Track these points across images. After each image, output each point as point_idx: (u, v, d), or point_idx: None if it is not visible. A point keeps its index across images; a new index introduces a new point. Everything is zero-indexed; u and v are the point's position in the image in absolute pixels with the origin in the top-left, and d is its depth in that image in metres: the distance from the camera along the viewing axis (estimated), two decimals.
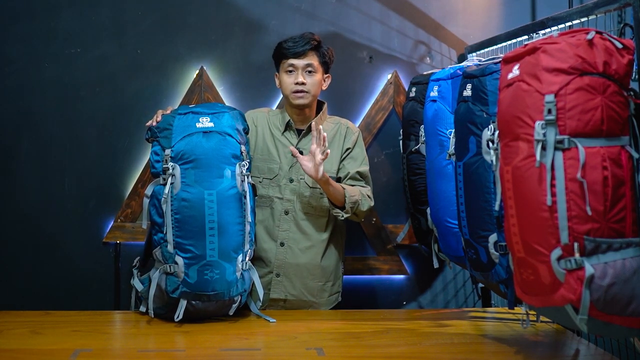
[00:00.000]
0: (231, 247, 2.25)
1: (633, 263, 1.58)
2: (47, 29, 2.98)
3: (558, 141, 1.59)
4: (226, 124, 2.31)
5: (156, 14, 3.03)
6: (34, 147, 2.99)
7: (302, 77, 2.52)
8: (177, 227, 2.21)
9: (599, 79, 1.60)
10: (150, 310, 2.29)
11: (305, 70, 2.52)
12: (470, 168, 2.09)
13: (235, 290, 2.28)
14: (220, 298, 2.25)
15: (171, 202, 2.21)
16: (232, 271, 2.25)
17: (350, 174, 2.57)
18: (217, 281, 2.22)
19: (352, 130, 2.64)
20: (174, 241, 2.22)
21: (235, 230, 2.27)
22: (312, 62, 2.53)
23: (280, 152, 2.59)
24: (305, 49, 2.51)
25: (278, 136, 2.61)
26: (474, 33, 3.12)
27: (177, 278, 2.21)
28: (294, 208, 2.57)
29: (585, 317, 1.57)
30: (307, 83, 2.52)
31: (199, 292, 2.21)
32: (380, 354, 2.02)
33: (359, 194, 2.50)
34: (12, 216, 2.98)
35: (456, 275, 3.18)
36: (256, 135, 2.62)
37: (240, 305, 2.33)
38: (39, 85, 2.99)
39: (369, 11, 3.10)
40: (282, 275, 2.56)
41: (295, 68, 2.52)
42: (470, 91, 2.09)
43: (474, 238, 2.11)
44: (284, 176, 2.57)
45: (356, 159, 2.60)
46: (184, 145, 2.24)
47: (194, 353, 2.02)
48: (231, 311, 2.29)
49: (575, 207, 1.58)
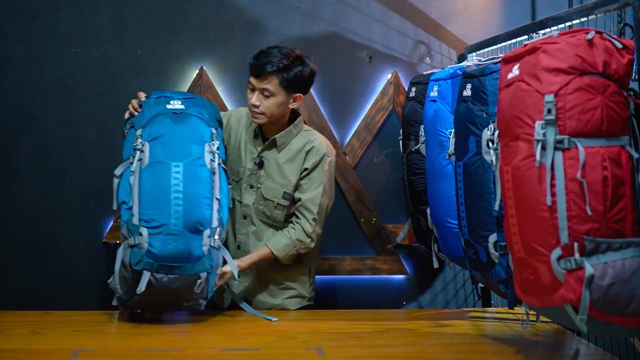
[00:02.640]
0: (197, 219, 2.19)
1: (633, 263, 1.58)
2: (47, 29, 2.98)
3: (558, 141, 1.59)
4: (196, 107, 2.33)
5: (156, 14, 3.03)
6: (34, 147, 2.99)
7: (256, 98, 2.41)
8: (143, 199, 2.18)
9: (598, 78, 1.60)
10: (116, 290, 2.21)
11: (261, 92, 2.41)
12: (470, 168, 2.09)
13: (201, 266, 2.19)
14: (184, 272, 2.16)
15: (139, 176, 2.20)
16: (198, 245, 2.18)
17: (298, 203, 2.50)
18: (181, 252, 2.15)
19: (316, 151, 2.49)
20: (140, 213, 2.18)
21: (202, 204, 2.21)
22: (268, 87, 2.39)
23: (247, 157, 2.55)
24: (264, 71, 2.39)
25: (249, 140, 2.57)
26: (474, 33, 3.12)
27: (141, 250, 2.14)
28: (251, 214, 2.54)
29: (585, 317, 1.57)
30: (261, 106, 2.42)
31: (162, 263, 2.13)
32: (380, 354, 2.02)
33: (290, 248, 2.48)
34: (12, 216, 2.97)
35: (456, 275, 3.18)
36: (236, 134, 2.59)
37: (207, 284, 2.22)
38: (39, 85, 2.99)
39: (369, 11, 3.10)
40: (242, 276, 2.56)
41: (253, 87, 2.43)
42: (470, 91, 2.09)
43: (474, 238, 2.11)
44: (246, 181, 2.55)
45: (312, 182, 2.50)
46: (154, 124, 2.26)
47: (194, 353, 2.02)
48: (197, 288, 2.18)
49: (575, 207, 1.58)
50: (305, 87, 2.50)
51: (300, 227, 2.49)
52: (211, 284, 2.25)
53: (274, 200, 2.51)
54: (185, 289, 2.19)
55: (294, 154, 2.51)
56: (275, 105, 2.43)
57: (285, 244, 2.47)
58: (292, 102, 2.47)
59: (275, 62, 2.39)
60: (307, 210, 2.50)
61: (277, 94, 2.42)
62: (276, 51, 2.42)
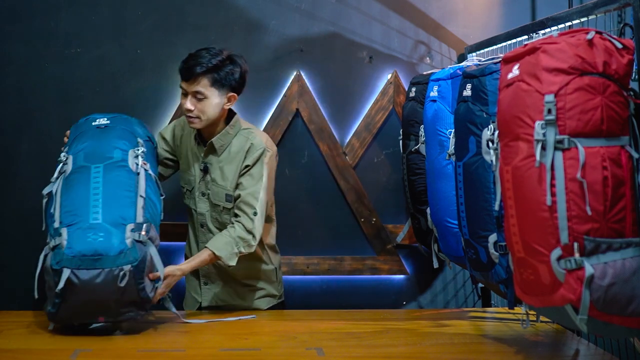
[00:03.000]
0: (118, 213, 2.14)
1: (633, 263, 1.58)
2: (47, 29, 2.98)
3: (558, 141, 1.59)
4: (123, 123, 2.34)
5: (156, 14, 3.03)
6: (34, 147, 2.99)
7: (189, 102, 2.37)
8: (65, 204, 2.15)
9: (598, 79, 1.60)
10: (45, 306, 2.12)
11: (194, 96, 2.37)
12: (470, 168, 2.09)
13: (125, 259, 2.06)
14: (105, 265, 2.03)
15: (62, 184, 2.20)
16: (119, 238, 2.08)
17: (238, 199, 2.42)
18: (101, 244, 2.05)
19: (255, 147, 2.44)
20: (60, 216, 2.13)
21: (123, 199, 2.17)
22: (200, 89, 2.36)
23: (194, 165, 2.53)
24: (194, 74, 2.35)
25: (194, 147, 2.54)
26: (474, 33, 3.12)
27: (61, 249, 2.06)
28: (207, 221, 2.51)
29: (585, 317, 1.57)
30: (196, 109, 2.37)
31: (82, 257, 2.03)
32: (380, 354, 2.02)
33: (231, 247, 2.37)
34: (12, 216, 2.97)
35: (456, 275, 3.18)
36: (183, 143, 2.57)
37: (134, 281, 2.07)
38: (39, 85, 2.99)
39: (369, 11, 3.10)
40: (209, 283, 2.55)
41: (185, 91, 2.39)
42: (470, 91, 2.09)
43: (474, 238, 2.11)
44: (197, 189, 2.52)
45: (252, 177, 2.43)
46: (78, 140, 2.29)
47: (194, 353, 2.02)
48: (122, 282, 2.04)
49: (575, 207, 1.58)
50: (238, 86, 2.45)
51: (241, 225, 2.39)
52: (148, 287, 2.13)
53: (220, 204, 2.47)
54: (108, 285, 2.04)
55: (234, 154, 2.46)
56: (210, 107, 2.39)
57: (226, 242, 2.37)
58: (226, 103, 2.42)
59: (204, 63, 2.36)
60: (247, 205, 2.41)
61: (210, 96, 2.38)
62: (204, 52, 2.39)
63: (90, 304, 2.07)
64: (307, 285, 3.10)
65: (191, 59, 2.38)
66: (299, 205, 3.10)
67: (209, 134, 2.48)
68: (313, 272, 3.08)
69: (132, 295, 2.08)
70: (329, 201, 3.11)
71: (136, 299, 2.09)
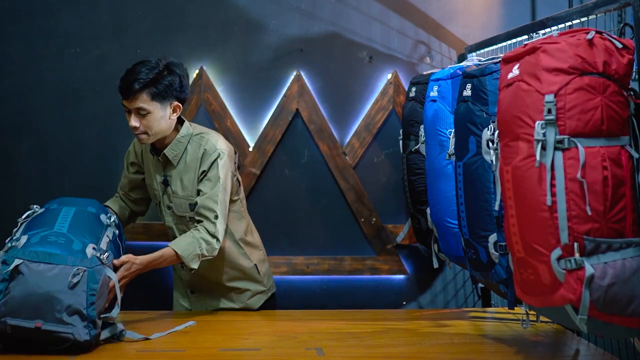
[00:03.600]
0: (84, 231, 2.07)
1: (633, 263, 1.58)
2: (47, 29, 2.99)
3: (558, 141, 1.59)
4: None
5: (156, 14, 3.03)
6: (34, 147, 2.99)
7: (134, 120, 2.32)
8: (29, 223, 2.10)
9: (598, 78, 1.60)
10: None
11: (137, 113, 2.31)
12: (470, 168, 2.09)
13: (82, 263, 1.95)
14: (61, 262, 1.93)
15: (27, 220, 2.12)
16: (80, 247, 1.99)
17: (198, 205, 2.38)
18: (60, 246, 1.97)
19: (208, 152, 2.40)
20: (23, 230, 2.07)
21: (90, 229, 2.11)
22: (142, 105, 2.29)
23: (155, 179, 2.49)
24: (132, 90, 2.29)
25: (154, 161, 2.49)
26: (474, 33, 3.12)
27: (17, 247, 1.97)
28: (175, 233, 2.48)
29: (585, 317, 1.57)
30: (141, 126, 2.32)
31: (38, 252, 1.94)
32: (380, 354, 2.02)
33: (194, 247, 2.31)
34: (12, 216, 2.97)
35: (456, 275, 3.18)
36: (143, 159, 2.55)
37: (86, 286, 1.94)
38: (39, 85, 2.99)
39: (369, 11, 3.10)
40: (196, 292, 2.55)
41: (128, 110, 2.33)
42: (470, 91, 2.09)
43: (474, 238, 2.11)
44: (162, 203, 2.49)
45: (210, 181, 2.38)
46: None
47: (194, 353, 2.02)
48: (74, 279, 1.91)
49: (575, 207, 1.57)
50: (181, 94, 2.38)
51: (204, 228, 2.34)
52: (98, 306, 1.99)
53: (186, 215, 2.43)
54: (58, 280, 1.92)
55: (190, 163, 2.42)
56: (155, 122, 2.33)
57: (189, 242, 2.31)
58: (172, 114, 2.37)
59: (141, 79, 2.29)
60: (207, 209, 2.36)
61: (153, 110, 2.31)
62: (141, 67, 2.32)
63: (34, 298, 1.90)
64: (307, 285, 3.10)
65: (128, 76, 2.31)
66: (299, 205, 3.10)
67: (161, 146, 2.43)
68: (313, 272, 3.08)
69: (79, 302, 1.93)
70: (329, 201, 3.11)
71: (83, 310, 1.93)
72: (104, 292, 2.02)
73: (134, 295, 3.03)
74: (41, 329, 1.90)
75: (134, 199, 2.61)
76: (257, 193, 3.08)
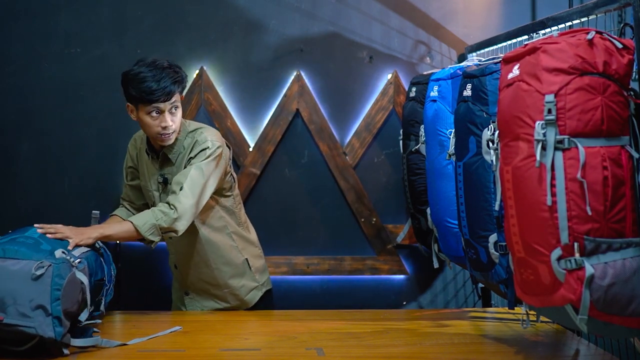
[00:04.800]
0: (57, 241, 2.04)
1: (633, 263, 1.58)
2: (47, 29, 2.99)
3: (558, 141, 1.59)
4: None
5: (156, 14, 3.03)
6: (34, 147, 2.99)
7: (168, 119, 2.31)
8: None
9: (599, 78, 1.60)
10: None
11: (170, 110, 2.32)
12: (470, 168, 2.09)
13: (47, 258, 1.91)
14: (26, 257, 1.89)
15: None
16: (49, 248, 1.95)
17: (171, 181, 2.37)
18: (29, 246, 1.93)
19: (199, 142, 2.38)
20: None
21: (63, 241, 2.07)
22: (175, 103, 2.33)
23: (152, 180, 2.48)
24: (172, 91, 2.30)
25: (149, 162, 2.48)
26: (474, 33, 3.12)
27: None
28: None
29: (585, 317, 1.57)
30: (174, 123, 2.33)
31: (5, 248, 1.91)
32: (380, 354, 2.02)
33: (149, 217, 2.26)
34: (12, 216, 2.97)
35: (456, 275, 3.18)
36: (138, 161, 2.54)
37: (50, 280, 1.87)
38: (39, 85, 2.99)
39: (369, 11, 3.10)
40: (191, 293, 2.55)
41: (161, 111, 2.30)
42: (470, 91, 2.08)
43: (474, 238, 2.11)
44: (159, 201, 2.44)
45: (191, 164, 2.35)
46: None
47: (194, 353, 2.02)
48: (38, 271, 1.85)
49: (575, 207, 1.57)
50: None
51: (165, 202, 2.31)
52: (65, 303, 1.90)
53: None
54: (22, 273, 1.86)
55: (183, 154, 2.41)
56: (179, 116, 2.36)
57: (146, 213, 2.28)
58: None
59: (173, 77, 2.30)
60: (176, 183, 2.32)
61: (179, 105, 2.36)
62: (159, 69, 2.30)
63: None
64: (307, 285, 3.10)
65: (159, 80, 2.28)
66: (299, 205, 3.10)
67: (158, 146, 2.42)
68: (313, 272, 3.08)
69: (43, 297, 1.86)
70: (329, 201, 3.11)
71: (46, 305, 1.86)
72: (71, 291, 1.93)
73: (134, 295, 3.04)
74: (3, 322, 1.83)
75: (138, 206, 2.59)
76: (257, 193, 3.08)
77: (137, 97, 2.29)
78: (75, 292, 1.96)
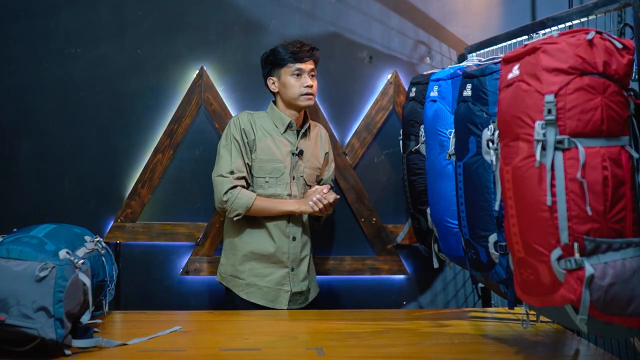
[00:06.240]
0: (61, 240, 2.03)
1: (633, 263, 1.58)
2: (47, 29, 2.99)
3: (558, 141, 1.59)
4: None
5: (156, 14, 3.03)
6: (34, 147, 2.99)
7: (310, 80, 2.66)
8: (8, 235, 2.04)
9: (599, 79, 1.60)
10: None
11: (310, 74, 2.67)
12: (470, 168, 2.09)
13: (52, 259, 1.91)
14: (30, 258, 1.90)
15: None
16: (53, 248, 1.95)
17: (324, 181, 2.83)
18: (33, 246, 1.93)
19: (324, 133, 2.86)
20: None
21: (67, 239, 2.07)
22: (314, 67, 2.69)
23: (283, 152, 2.68)
24: (312, 54, 2.67)
25: (277, 136, 2.69)
26: (474, 33, 3.12)
27: None
28: None
29: (585, 317, 1.57)
30: (313, 86, 2.68)
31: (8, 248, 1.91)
32: (380, 354, 2.02)
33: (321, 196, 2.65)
34: (12, 216, 2.97)
35: (456, 275, 3.18)
36: (255, 135, 2.67)
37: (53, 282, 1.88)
38: (39, 85, 2.99)
39: (369, 11, 3.10)
40: (295, 269, 2.68)
41: (302, 72, 2.65)
42: (470, 91, 2.09)
43: (474, 238, 2.11)
44: (288, 174, 2.67)
45: (331, 164, 2.86)
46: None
47: (194, 353, 2.02)
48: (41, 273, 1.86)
49: (575, 207, 1.58)
50: None
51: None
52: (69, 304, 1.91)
53: (312, 185, 2.73)
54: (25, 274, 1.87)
55: (315, 138, 2.79)
56: (316, 87, 2.72)
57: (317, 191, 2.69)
58: None
59: (313, 46, 2.68)
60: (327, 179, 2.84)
61: (315, 75, 2.71)
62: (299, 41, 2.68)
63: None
64: None
65: (302, 44, 2.66)
66: None
67: (297, 121, 2.72)
68: None
69: (45, 299, 1.87)
70: None
71: (49, 307, 1.87)
72: (74, 293, 1.94)
73: (134, 295, 3.04)
74: (5, 322, 1.84)
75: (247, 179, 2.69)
76: None
77: (284, 58, 2.64)
78: (78, 294, 1.97)
